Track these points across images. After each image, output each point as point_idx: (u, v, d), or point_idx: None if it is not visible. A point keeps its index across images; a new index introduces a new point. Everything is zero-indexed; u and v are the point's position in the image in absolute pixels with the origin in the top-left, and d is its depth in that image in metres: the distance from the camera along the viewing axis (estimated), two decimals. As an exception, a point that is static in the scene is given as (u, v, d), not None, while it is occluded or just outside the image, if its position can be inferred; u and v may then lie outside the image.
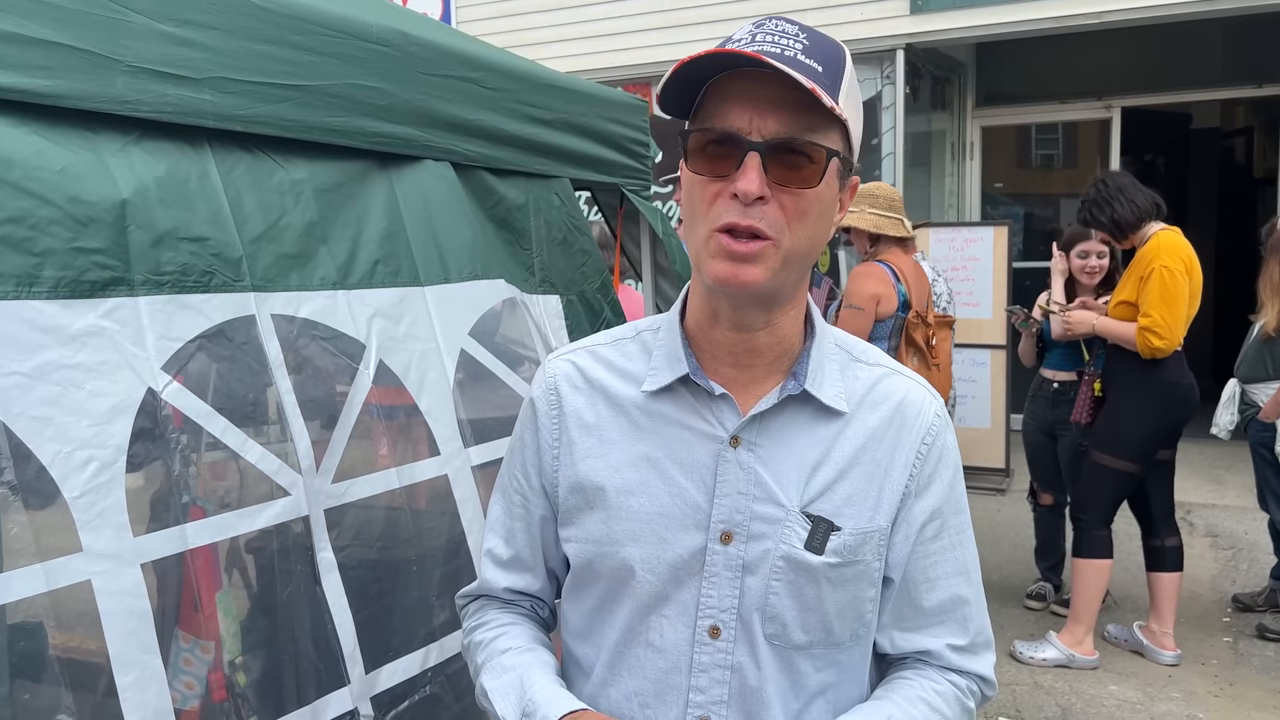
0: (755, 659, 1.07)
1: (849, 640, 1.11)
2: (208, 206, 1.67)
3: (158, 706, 1.47)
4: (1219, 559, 5.46)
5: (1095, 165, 8.71)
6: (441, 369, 2.12)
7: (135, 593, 1.48)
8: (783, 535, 1.06)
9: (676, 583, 1.08)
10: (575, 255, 2.61)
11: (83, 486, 1.44)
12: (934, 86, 8.28)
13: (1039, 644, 4.22)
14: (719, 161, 0.99)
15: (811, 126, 0.98)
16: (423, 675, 1.97)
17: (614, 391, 1.14)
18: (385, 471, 1.99)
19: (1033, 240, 9.03)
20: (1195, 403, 4.00)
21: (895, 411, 1.12)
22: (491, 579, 1.26)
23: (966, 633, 1.16)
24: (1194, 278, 3.87)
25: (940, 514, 1.13)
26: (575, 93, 2.60)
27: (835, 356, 1.13)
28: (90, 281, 1.47)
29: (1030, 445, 4.80)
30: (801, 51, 0.98)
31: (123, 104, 1.50)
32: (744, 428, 1.08)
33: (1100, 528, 4.09)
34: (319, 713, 1.77)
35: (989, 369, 6.81)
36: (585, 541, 1.13)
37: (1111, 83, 8.09)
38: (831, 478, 1.08)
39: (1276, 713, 3.72)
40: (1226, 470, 6.95)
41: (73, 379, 1.45)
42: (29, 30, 1.36)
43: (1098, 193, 4.01)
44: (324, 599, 1.82)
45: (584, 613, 1.17)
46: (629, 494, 1.10)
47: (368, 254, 2.00)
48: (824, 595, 1.07)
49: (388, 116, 2.02)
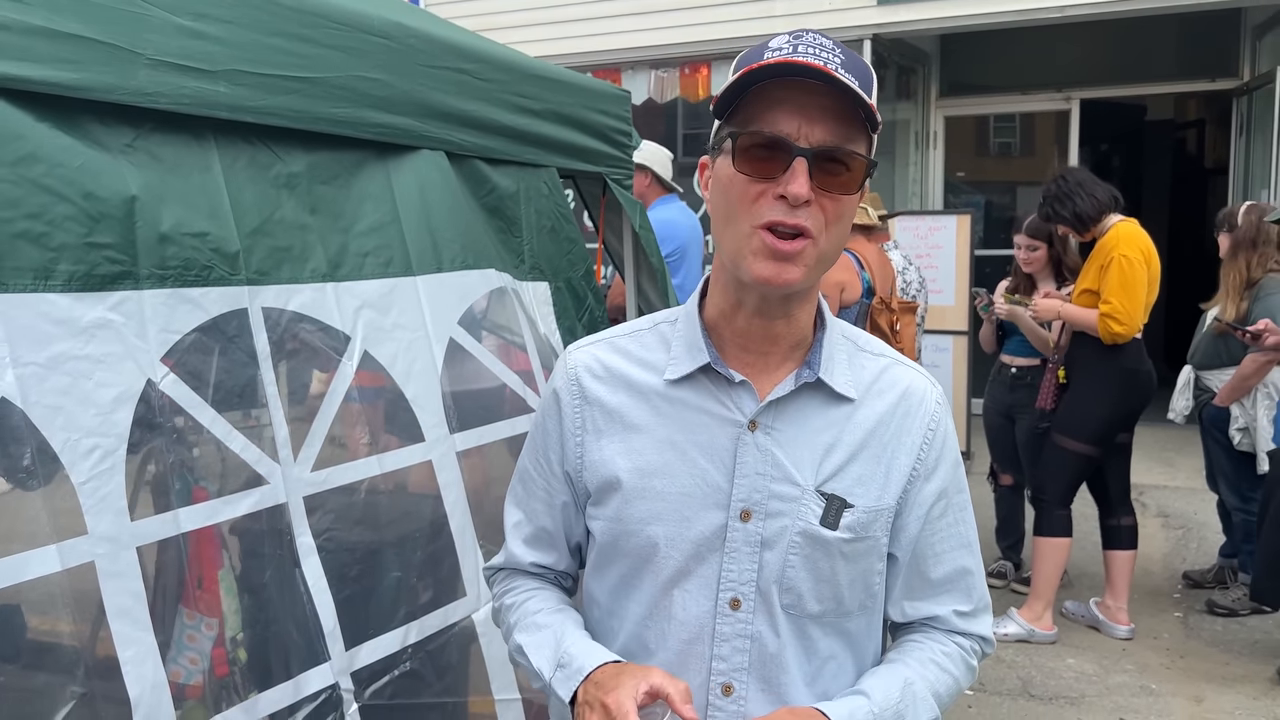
0: (774, 628, 1.15)
1: (857, 610, 1.20)
2: (209, 201, 1.72)
3: (155, 680, 1.55)
4: (1170, 538, 5.67)
5: (1054, 155, 8.90)
6: (430, 357, 2.17)
7: (131, 574, 1.55)
8: (799, 513, 1.14)
9: (698, 559, 1.15)
10: (562, 243, 2.67)
11: (88, 473, 1.50)
12: (899, 76, 8.41)
13: (1000, 620, 4.36)
14: (766, 164, 1.05)
15: (850, 136, 1.05)
16: (403, 652, 2.04)
17: (635, 380, 1.20)
18: (367, 459, 2.06)
19: (993, 228, 9.21)
20: (1153, 388, 4.15)
21: (900, 399, 1.20)
22: (518, 554, 1.32)
23: (970, 599, 1.26)
24: (1152, 266, 4.00)
25: (945, 494, 1.22)
26: (562, 83, 2.66)
27: (843, 347, 1.20)
28: (101, 275, 1.52)
29: (990, 428, 4.94)
30: (840, 65, 1.04)
31: (143, 96, 1.54)
32: (762, 413, 1.15)
33: (1060, 507, 4.24)
34: (301, 687, 1.84)
35: (951, 354, 6.97)
36: (611, 520, 1.19)
37: (1071, 75, 8.27)
38: (843, 459, 1.16)
39: (1225, 684, 3.90)
40: (1177, 453, 7.18)
41: (82, 370, 1.50)
42: (58, 24, 1.39)
43: (1058, 188, 4.12)
44: (304, 581, 1.89)
45: (608, 588, 1.23)
46: (653, 476, 1.16)
47: (359, 246, 2.05)
48: (837, 568, 1.15)
49: (388, 107, 2.07)
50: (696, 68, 7.74)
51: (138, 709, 1.51)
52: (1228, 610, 4.53)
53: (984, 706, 3.76)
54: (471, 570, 2.20)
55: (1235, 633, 4.38)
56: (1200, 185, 10.16)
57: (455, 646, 2.16)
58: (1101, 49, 8.20)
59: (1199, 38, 8.00)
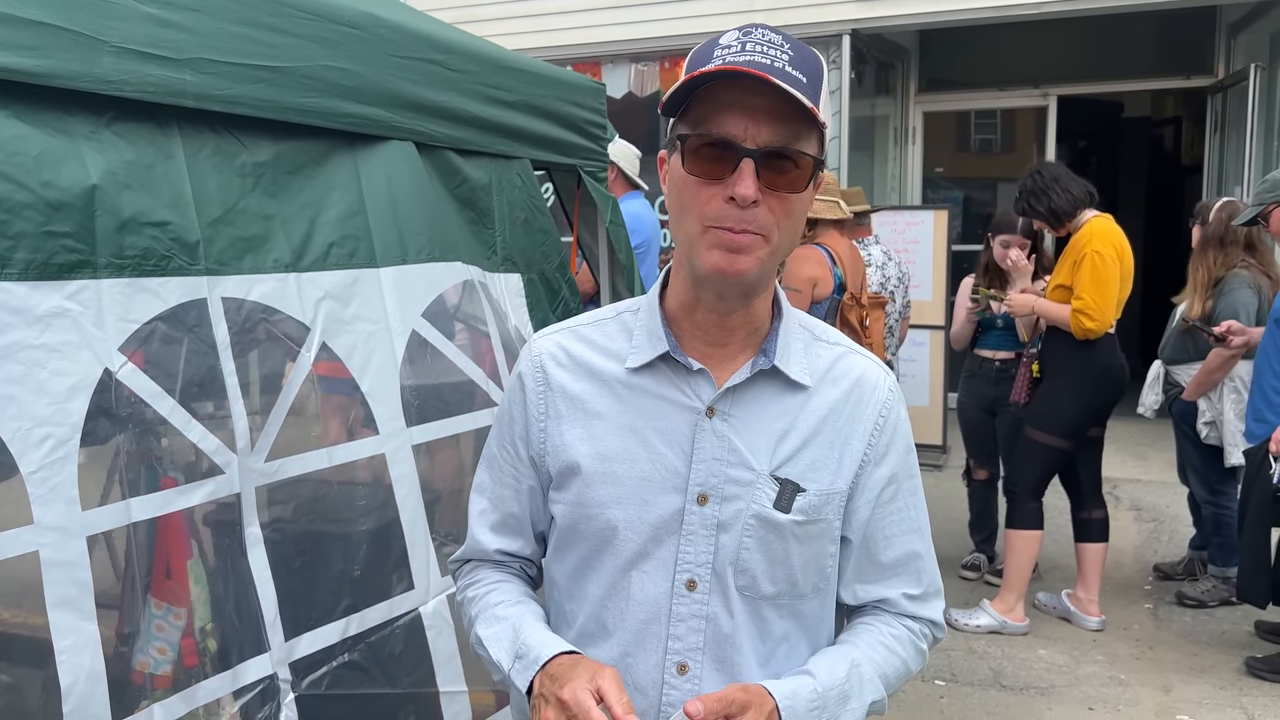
0: (728, 609, 1.18)
1: (811, 592, 1.23)
2: (171, 190, 1.71)
3: (91, 669, 1.55)
4: (1142, 531, 5.73)
5: (1032, 151, 8.96)
6: (390, 349, 2.17)
7: (79, 563, 1.55)
8: (754, 496, 1.17)
9: (657, 541, 1.18)
10: (536, 235, 2.68)
11: (38, 463, 1.50)
12: (878, 72, 8.43)
13: (973, 611, 4.41)
14: (714, 164, 1.08)
15: (798, 134, 1.08)
16: (342, 644, 2.06)
17: (597, 368, 1.23)
18: (318, 451, 2.06)
19: (971, 224, 9.26)
20: (1125, 383, 4.18)
21: (854, 387, 1.23)
22: (484, 541, 1.34)
23: (920, 583, 1.29)
24: (1125, 262, 4.04)
25: (896, 479, 1.25)
26: (536, 75, 2.66)
27: (799, 336, 1.23)
28: (58, 264, 1.52)
29: (967, 423, 4.97)
30: (788, 63, 1.06)
31: (108, 84, 1.53)
32: (719, 399, 1.18)
33: (1032, 500, 4.28)
34: (239, 676, 1.86)
35: (928, 349, 7.01)
36: (572, 504, 1.22)
37: (1048, 71, 8.33)
38: (797, 445, 1.19)
39: (1193, 674, 3.95)
40: (1150, 447, 7.25)
41: (36, 359, 1.50)
42: (20, 11, 1.39)
43: (1034, 183, 4.15)
44: (249, 571, 1.90)
45: (569, 570, 1.26)
46: (613, 461, 1.19)
47: (324, 236, 2.04)
48: (790, 550, 1.18)
49: (357, 97, 2.06)
50: (676, 61, 7.73)
51: (68, 698, 1.51)
52: (1197, 602, 4.59)
53: (955, 697, 3.80)
54: (421, 564, 2.20)
55: (1204, 624, 4.43)
56: (1176, 181, 10.24)
57: (399, 639, 2.16)
58: (1079, 46, 8.26)
59: (1175, 35, 8.07)
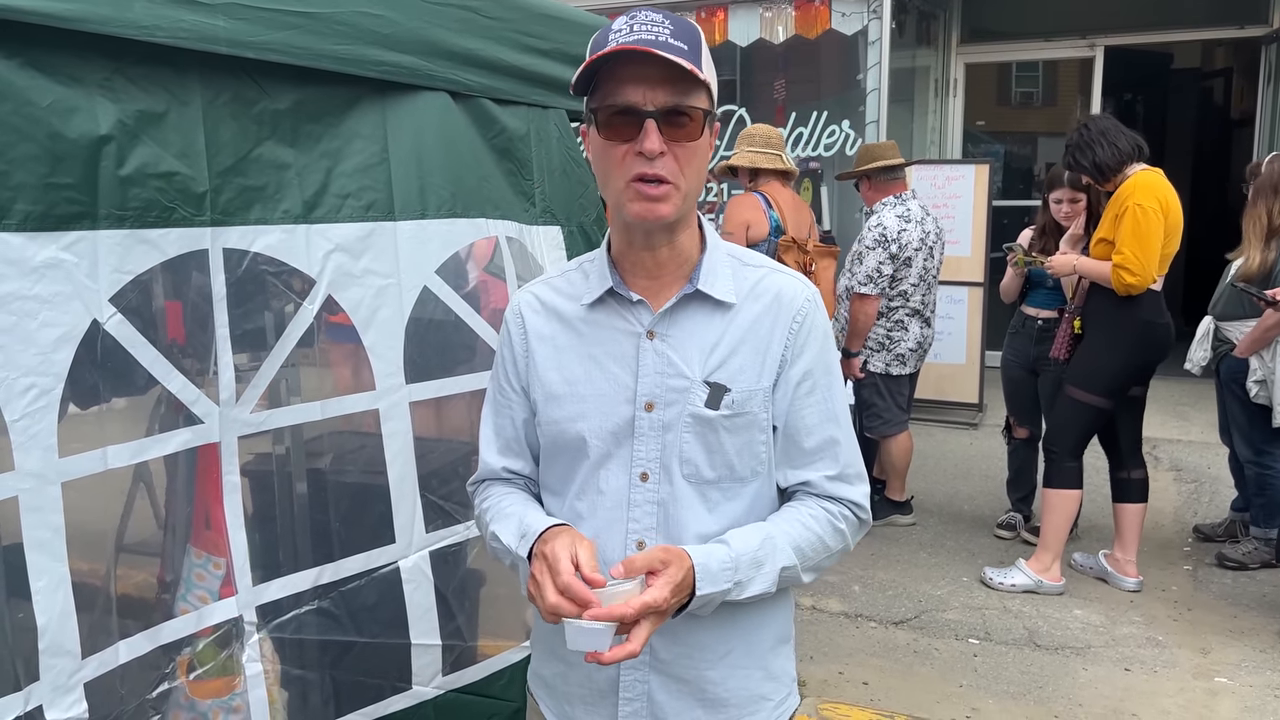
0: (674, 494, 1.41)
1: (750, 475, 1.44)
2: (183, 139, 1.71)
3: (64, 608, 1.62)
4: (1182, 491, 5.65)
5: (1076, 104, 8.74)
6: (398, 305, 2.16)
7: (53, 508, 1.61)
8: (689, 399, 1.40)
9: (617, 443, 1.42)
10: (574, 186, 2.64)
11: (21, 411, 1.54)
12: (919, 22, 8.24)
13: (1008, 570, 4.38)
14: (623, 129, 1.29)
15: (687, 93, 1.29)
16: (313, 590, 2.11)
17: (563, 310, 1.48)
18: (309, 404, 2.08)
19: (1012, 179, 9.08)
20: (1170, 341, 4.09)
21: (774, 300, 1.44)
22: (491, 462, 1.58)
23: (838, 464, 1.47)
24: (1171, 217, 3.93)
25: (811, 375, 1.44)
26: (570, 22, 2.60)
27: (727, 263, 1.45)
28: (58, 215, 1.52)
29: (1009, 380, 4.91)
30: (670, 35, 1.27)
31: (140, 29, 1.51)
32: (656, 322, 1.41)
33: (1071, 460, 4.22)
34: (204, 617, 1.93)
35: (966, 306, 6.91)
36: (550, 423, 1.47)
37: (1096, 21, 8.09)
38: (726, 354, 1.41)
39: (1232, 636, 3.91)
40: (1191, 407, 7.14)
41: (28, 309, 1.53)
42: (52, -46, 1.37)
43: (1080, 137, 4.05)
44: (223, 518, 1.94)
45: (554, 474, 1.51)
46: (578, 383, 1.44)
47: (340, 187, 2.03)
48: (724, 440, 1.41)
49: (391, 44, 2.03)
50: (714, 11, 7.60)
51: (44, 635, 1.58)
52: (1237, 564, 4.53)
53: (989, 655, 3.78)
54: (406, 519, 2.21)
55: (1244, 586, 4.38)
56: (1226, 136, 9.97)
57: (375, 590, 2.20)
58: (1128, -6, 8.02)
59: (1229, -18, 7.80)
